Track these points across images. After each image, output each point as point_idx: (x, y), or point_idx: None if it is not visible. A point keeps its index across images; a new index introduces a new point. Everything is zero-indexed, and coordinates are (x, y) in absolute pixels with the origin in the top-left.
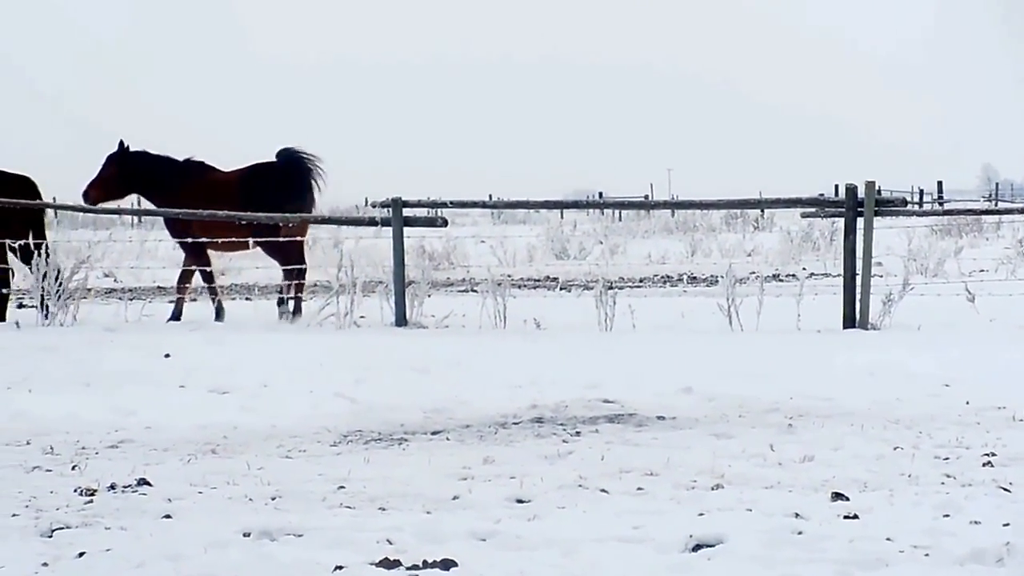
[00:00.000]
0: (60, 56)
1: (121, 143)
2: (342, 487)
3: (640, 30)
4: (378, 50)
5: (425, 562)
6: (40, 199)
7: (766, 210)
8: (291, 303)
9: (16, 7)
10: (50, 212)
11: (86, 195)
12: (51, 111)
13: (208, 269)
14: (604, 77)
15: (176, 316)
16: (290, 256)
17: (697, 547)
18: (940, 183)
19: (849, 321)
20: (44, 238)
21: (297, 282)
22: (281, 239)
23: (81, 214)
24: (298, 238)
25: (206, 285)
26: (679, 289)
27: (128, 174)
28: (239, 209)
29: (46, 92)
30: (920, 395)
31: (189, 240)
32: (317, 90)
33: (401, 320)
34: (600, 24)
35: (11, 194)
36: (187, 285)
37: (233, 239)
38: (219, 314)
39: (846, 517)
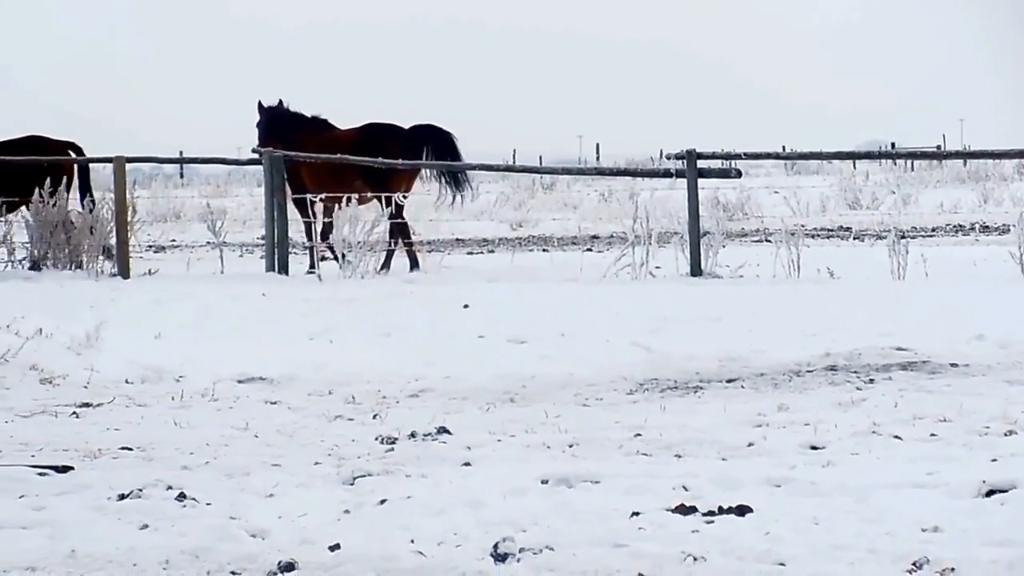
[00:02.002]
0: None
1: (260, 103)
2: (638, 434)
3: None
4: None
5: (720, 508)
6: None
7: None
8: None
9: None
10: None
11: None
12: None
13: (327, 221)
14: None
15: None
16: (401, 210)
17: (990, 492)
18: None
19: None
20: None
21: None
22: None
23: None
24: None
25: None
26: (971, 238)
27: (270, 129)
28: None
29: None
30: None
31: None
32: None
33: (696, 270)
34: None
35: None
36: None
37: (347, 195)
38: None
39: None
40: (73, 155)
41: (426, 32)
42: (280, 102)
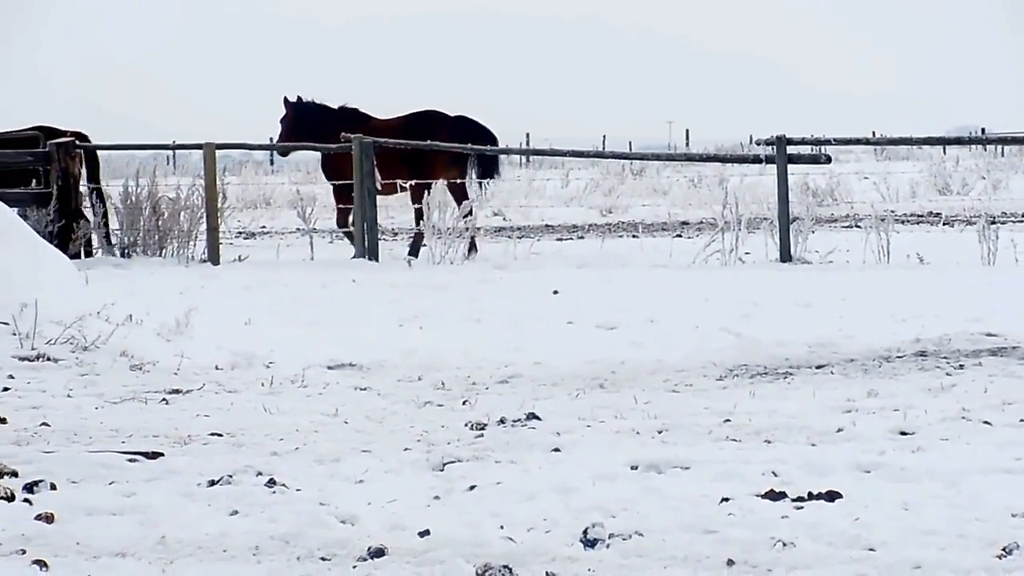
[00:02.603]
0: None
1: (285, 98)
2: (727, 420)
3: None
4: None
5: (810, 494)
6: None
7: None
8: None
9: None
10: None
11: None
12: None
13: (342, 207)
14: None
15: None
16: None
17: None
18: None
19: None
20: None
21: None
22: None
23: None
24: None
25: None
26: None
27: (301, 123)
28: (400, 150)
29: None
30: None
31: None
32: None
33: (785, 256)
34: None
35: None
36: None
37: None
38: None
39: None
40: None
41: (509, 21)
42: (299, 98)
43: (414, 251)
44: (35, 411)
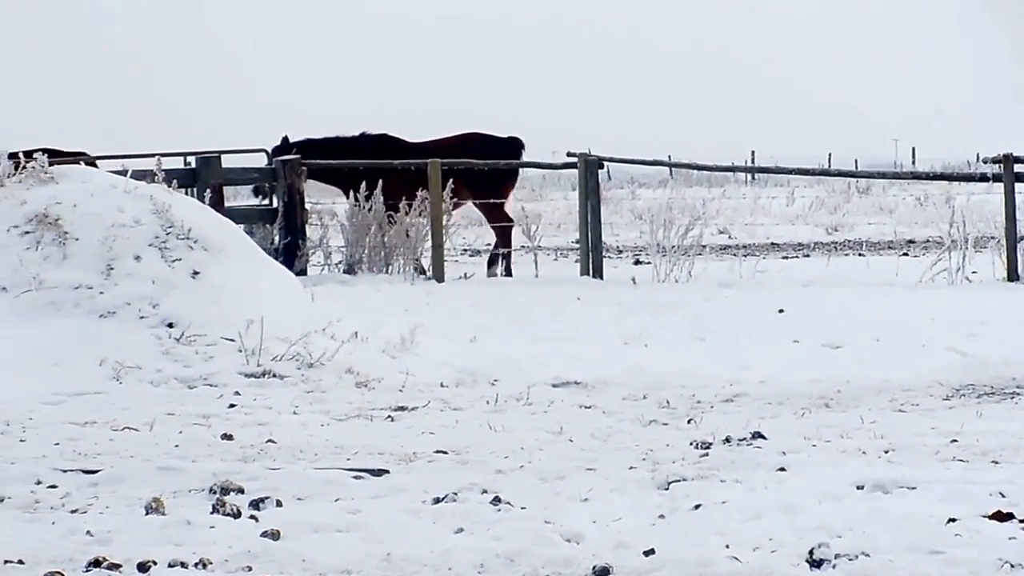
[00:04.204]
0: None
1: (285, 138)
2: (954, 440)
3: None
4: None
5: None
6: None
7: None
8: (502, 261)
9: None
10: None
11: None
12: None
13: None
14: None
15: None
16: (501, 217)
17: None
18: None
19: None
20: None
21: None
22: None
23: (695, 172)
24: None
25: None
26: None
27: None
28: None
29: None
30: None
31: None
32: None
33: (1013, 275)
34: None
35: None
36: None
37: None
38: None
39: None
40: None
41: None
42: (286, 138)
43: (505, 270)
44: (261, 428)
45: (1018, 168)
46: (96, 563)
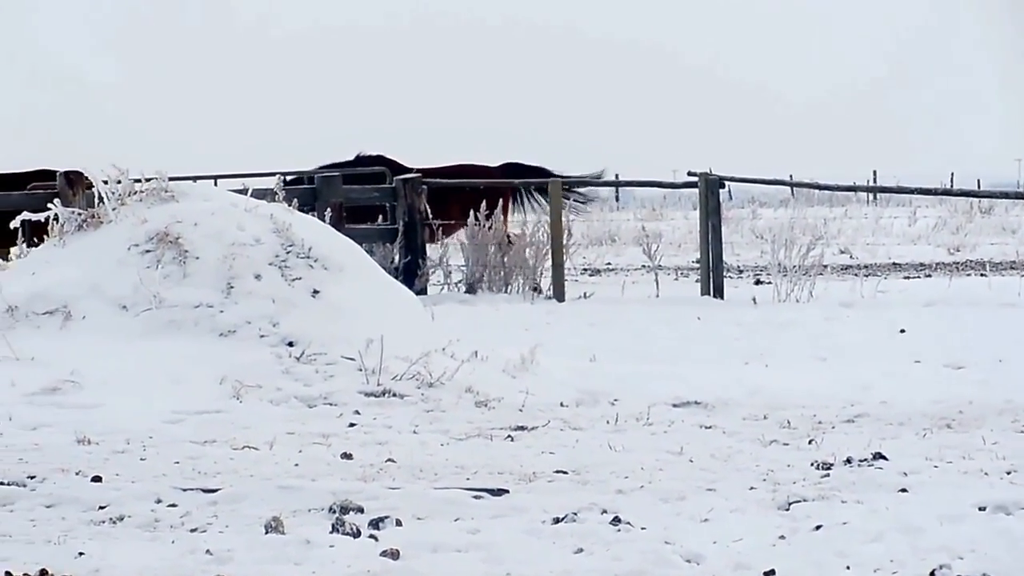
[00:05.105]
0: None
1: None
2: None
3: None
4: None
5: None
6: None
7: None
8: None
9: None
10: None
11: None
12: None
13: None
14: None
15: None
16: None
17: None
18: None
19: None
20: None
21: None
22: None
23: (817, 191)
24: None
25: None
26: None
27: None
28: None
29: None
30: None
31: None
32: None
33: None
34: None
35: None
36: None
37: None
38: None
39: None
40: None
41: None
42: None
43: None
44: (381, 447)
45: None
46: None
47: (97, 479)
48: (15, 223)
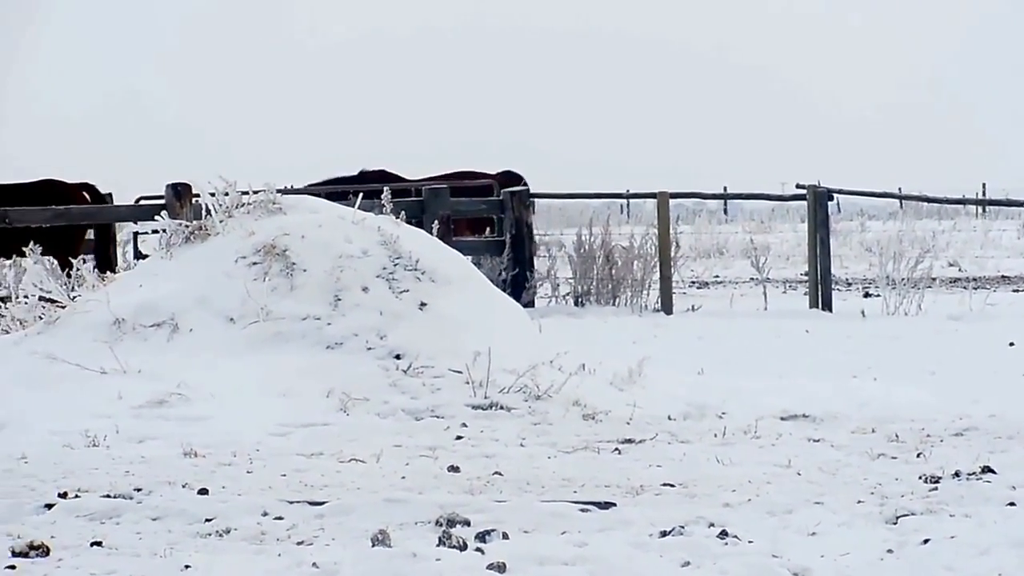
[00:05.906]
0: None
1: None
2: None
3: None
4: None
5: None
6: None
7: None
8: None
9: None
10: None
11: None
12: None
13: None
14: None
15: None
16: None
17: None
18: None
19: None
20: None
21: None
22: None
23: (925, 204)
24: None
25: None
26: None
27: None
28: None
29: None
30: None
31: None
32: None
33: None
34: None
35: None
36: None
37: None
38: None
39: None
40: (88, 196)
41: None
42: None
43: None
44: (488, 460)
45: None
46: None
47: (203, 492)
48: (123, 235)
